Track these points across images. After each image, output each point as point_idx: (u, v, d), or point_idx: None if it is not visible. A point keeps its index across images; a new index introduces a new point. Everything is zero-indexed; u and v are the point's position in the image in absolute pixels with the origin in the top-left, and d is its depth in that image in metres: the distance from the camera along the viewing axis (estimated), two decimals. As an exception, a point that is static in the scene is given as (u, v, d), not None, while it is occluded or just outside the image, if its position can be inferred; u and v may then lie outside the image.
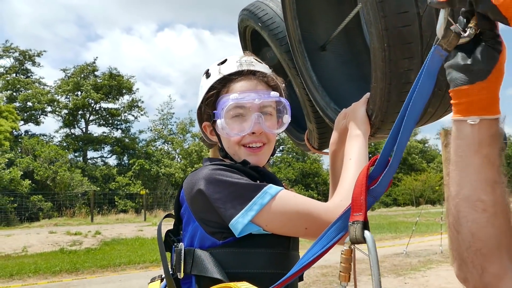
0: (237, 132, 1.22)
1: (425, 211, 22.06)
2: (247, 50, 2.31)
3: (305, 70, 1.66)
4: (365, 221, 0.80)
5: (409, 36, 1.04)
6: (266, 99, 1.25)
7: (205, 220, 1.13)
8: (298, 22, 1.66)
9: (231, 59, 1.29)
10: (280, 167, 39.83)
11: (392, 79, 1.10)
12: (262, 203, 1.06)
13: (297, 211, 1.07)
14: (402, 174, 40.77)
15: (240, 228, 1.06)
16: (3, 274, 8.50)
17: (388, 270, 8.20)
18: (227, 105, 1.21)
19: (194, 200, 1.13)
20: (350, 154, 1.20)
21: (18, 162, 23.86)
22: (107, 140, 35.86)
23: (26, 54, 35.19)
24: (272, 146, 1.31)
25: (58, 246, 12.51)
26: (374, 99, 1.20)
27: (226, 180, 1.10)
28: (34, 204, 22.39)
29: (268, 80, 1.29)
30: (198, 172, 1.15)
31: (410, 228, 13.27)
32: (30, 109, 33.89)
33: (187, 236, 1.19)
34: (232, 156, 1.27)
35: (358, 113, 1.29)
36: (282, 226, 1.08)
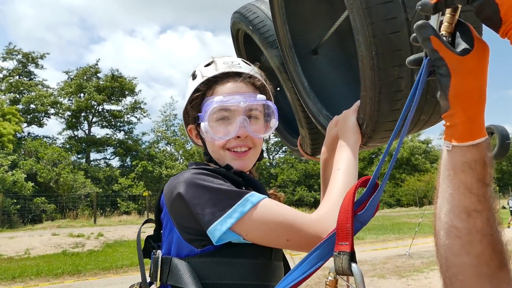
0: (222, 135, 1.18)
1: (429, 212, 21.96)
2: (240, 52, 2.27)
3: (296, 75, 1.63)
4: (352, 251, 0.76)
5: (398, 43, 1.00)
6: (252, 102, 1.21)
7: (184, 226, 1.08)
8: (288, 27, 1.63)
9: (218, 61, 1.26)
10: (283, 168, 39.79)
11: (382, 88, 1.06)
12: (242, 211, 1.02)
13: (279, 221, 1.02)
14: (406, 174, 40.66)
15: (218, 236, 1.01)
16: (5, 277, 8.50)
17: (390, 271, 8.15)
18: (211, 107, 1.17)
19: (173, 204, 1.09)
20: (339, 164, 1.17)
21: (21, 164, 23.92)
22: (110, 142, 35.93)
23: (29, 57, 35.31)
24: (259, 151, 1.26)
25: (61, 248, 12.51)
26: (364, 108, 1.17)
27: (206, 185, 1.05)
28: (37, 206, 22.42)
29: (254, 82, 1.25)
30: (179, 176, 1.11)
31: (414, 229, 13.21)
32: (33, 111, 34.01)
33: (165, 243, 1.15)
34: (216, 160, 1.23)
35: (349, 121, 1.25)
36: (262, 236, 1.03)
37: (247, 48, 2.24)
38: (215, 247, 1.04)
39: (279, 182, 38.22)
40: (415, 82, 0.72)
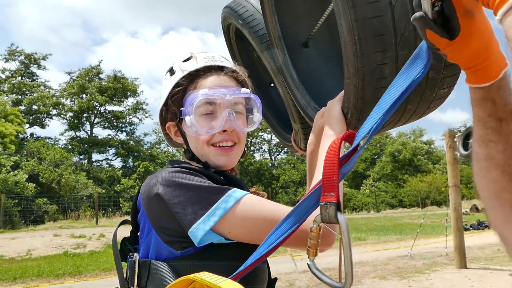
0: (207, 129, 1.14)
1: (431, 213, 21.92)
2: (232, 48, 2.25)
3: (285, 67, 1.60)
4: (338, 202, 0.74)
5: (381, 27, 0.97)
6: (238, 95, 1.18)
7: (162, 227, 1.04)
8: (277, 18, 1.59)
9: (198, 55, 1.22)
10: (284, 168, 39.76)
11: (365, 74, 1.03)
12: (225, 208, 0.98)
13: (263, 217, 0.98)
14: (408, 175, 40.59)
15: (201, 236, 0.97)
16: (6, 278, 8.50)
17: (392, 272, 8.12)
18: (197, 100, 1.12)
19: (151, 205, 1.04)
20: (324, 155, 1.13)
21: (23, 165, 23.96)
22: (112, 143, 35.99)
23: (32, 58, 35.40)
24: (243, 146, 1.22)
25: (62, 249, 12.51)
26: (348, 96, 1.13)
27: (186, 183, 1.01)
28: (39, 207, 22.46)
29: (237, 77, 1.22)
30: (156, 175, 1.07)
31: (415, 230, 13.16)
32: (35, 112, 34.09)
33: (142, 245, 1.10)
34: (200, 157, 1.18)
35: (333, 111, 1.21)
36: (246, 233, 0.99)
37: (239, 44, 2.22)
38: (196, 250, 1.01)
39: (281, 183, 38.21)
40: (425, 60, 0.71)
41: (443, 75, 1.06)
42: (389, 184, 40.32)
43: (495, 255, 9.84)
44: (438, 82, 1.07)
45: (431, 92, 1.10)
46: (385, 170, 42.53)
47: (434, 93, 1.11)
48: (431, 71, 1.04)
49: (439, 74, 1.05)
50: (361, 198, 35.68)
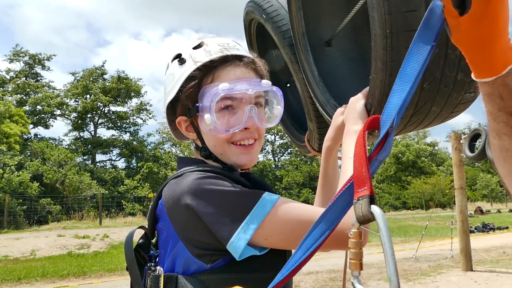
0: (228, 127, 1.04)
1: (435, 215, 21.84)
2: (252, 44, 2.22)
3: (307, 64, 1.57)
4: (372, 195, 0.66)
5: (414, 23, 0.94)
6: (260, 89, 1.08)
7: (192, 240, 0.96)
8: (303, 13, 1.56)
9: (210, 43, 1.10)
10: (288, 170, 39.73)
11: (393, 69, 0.99)
12: (263, 213, 0.91)
13: (301, 221, 0.91)
14: (412, 177, 40.47)
15: (243, 246, 0.89)
16: (11, 278, 8.50)
17: (397, 275, 8.08)
18: (218, 97, 1.02)
19: (179, 216, 0.96)
20: (350, 152, 1.04)
21: (27, 165, 24.01)
22: (115, 143, 36.04)
23: (36, 58, 35.52)
24: (262, 142, 1.15)
25: (66, 250, 12.52)
26: (373, 92, 1.10)
27: (217, 189, 0.93)
28: (43, 207, 22.49)
29: (256, 67, 1.12)
30: (181, 181, 0.98)
31: (420, 232, 13.09)
32: (39, 113, 34.19)
33: (167, 259, 1.02)
34: (219, 156, 1.08)
35: (357, 107, 1.15)
36: (284, 239, 0.92)
37: (259, 41, 2.20)
38: (226, 262, 0.94)
39: (284, 184, 38.16)
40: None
41: (472, 78, 1.04)
42: (392, 186, 40.22)
43: (501, 258, 9.78)
44: (465, 85, 1.05)
45: (457, 95, 1.07)
46: (389, 171, 42.42)
47: (461, 97, 1.08)
48: (460, 73, 1.01)
49: (468, 77, 1.02)
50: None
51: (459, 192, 8.68)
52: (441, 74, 1.01)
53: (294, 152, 43.45)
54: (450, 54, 0.98)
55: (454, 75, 1.01)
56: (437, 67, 0.99)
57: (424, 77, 1.00)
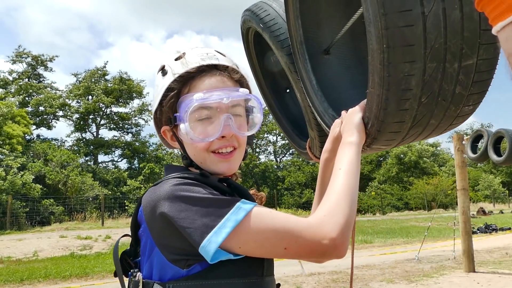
0: (204, 137, 1.06)
1: (438, 216, 21.80)
2: (250, 52, 2.22)
3: (305, 72, 1.57)
4: None
5: (411, 38, 0.94)
6: (236, 98, 1.09)
7: (167, 245, 0.98)
8: (301, 22, 1.56)
9: (190, 53, 1.13)
10: (290, 170, 39.71)
11: (391, 84, 1.00)
12: (236, 219, 0.92)
13: (275, 229, 0.92)
14: (414, 178, 40.40)
15: (213, 250, 0.90)
16: (14, 279, 8.53)
17: (399, 276, 8.07)
18: (191, 106, 1.04)
19: (154, 222, 0.98)
20: (341, 163, 1.07)
21: (30, 166, 24.06)
22: (117, 144, 36.09)
23: (39, 59, 35.59)
24: (243, 150, 1.16)
25: (69, 251, 12.55)
26: (370, 106, 1.10)
27: (192, 196, 0.95)
28: (46, 208, 22.52)
29: (233, 76, 1.13)
30: (158, 189, 1.00)
31: (422, 233, 13.06)
32: (42, 114, 34.25)
33: (145, 264, 1.04)
34: (199, 164, 1.11)
35: (354, 119, 1.16)
36: (258, 247, 0.93)
37: (257, 49, 2.20)
38: (202, 267, 0.95)
39: (286, 185, 38.14)
40: None
41: (470, 92, 1.04)
42: (394, 187, 40.15)
43: (504, 259, 9.77)
44: (464, 98, 1.05)
45: (455, 108, 1.07)
46: (391, 172, 42.35)
47: (459, 110, 1.08)
48: (458, 86, 1.01)
49: (466, 91, 1.03)
50: (366, 200, 35.54)
51: (461, 193, 8.67)
52: (439, 88, 1.01)
53: (296, 153, 43.39)
54: (448, 68, 0.98)
55: (452, 88, 1.02)
56: (435, 81, 1.00)
57: (422, 91, 1.01)
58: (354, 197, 0.99)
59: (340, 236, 0.90)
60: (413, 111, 1.04)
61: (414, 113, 1.05)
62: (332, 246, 0.90)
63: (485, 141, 8.31)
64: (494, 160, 8.05)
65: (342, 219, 0.92)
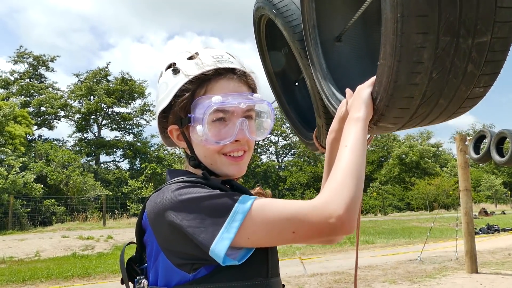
0: (219, 139, 1.06)
1: (439, 216, 21.77)
2: (261, 42, 2.21)
3: (316, 57, 1.55)
4: None
5: (427, 8, 0.91)
6: (252, 103, 1.10)
7: (173, 250, 0.98)
8: (315, 5, 1.55)
9: (204, 54, 1.11)
10: (291, 171, 39.71)
11: (402, 55, 0.97)
12: (244, 211, 0.92)
13: (281, 215, 0.92)
14: (415, 178, 40.36)
15: (227, 246, 0.90)
16: (16, 279, 8.53)
17: (402, 277, 8.05)
18: (210, 110, 1.04)
19: (160, 229, 0.98)
20: (346, 140, 1.03)
21: (31, 166, 24.08)
22: (119, 144, 36.12)
23: (40, 60, 35.63)
24: (251, 153, 1.16)
25: (71, 251, 12.55)
26: (380, 79, 1.07)
27: (195, 197, 0.95)
28: (47, 208, 22.54)
29: (248, 80, 1.14)
30: (161, 194, 1.00)
31: (424, 233, 13.04)
32: (43, 114, 34.30)
33: (151, 270, 1.04)
34: (208, 166, 1.10)
35: (362, 94, 1.13)
36: (266, 235, 0.93)
37: (268, 39, 2.20)
38: (208, 271, 0.96)
39: (288, 185, 38.15)
40: None
41: (482, 72, 1.00)
42: (396, 187, 40.13)
43: (506, 260, 9.74)
44: (475, 78, 1.01)
45: (466, 88, 1.03)
46: (392, 172, 42.34)
47: (469, 91, 1.04)
48: (470, 64, 0.98)
49: (478, 70, 0.99)
50: (368, 200, 35.52)
51: (464, 193, 8.65)
52: (451, 64, 0.97)
53: (297, 153, 43.40)
54: (461, 43, 0.94)
55: (464, 66, 0.98)
56: (447, 56, 0.96)
57: (434, 66, 0.97)
58: (360, 173, 0.96)
59: (346, 213, 0.89)
60: (423, 86, 1.01)
61: (424, 89, 1.02)
62: (339, 224, 0.88)
63: (488, 142, 8.29)
64: (496, 160, 8.03)
65: (347, 197, 0.91)
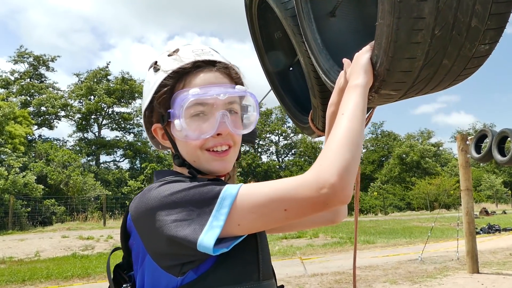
0: (199, 134, 1.01)
1: (440, 216, 21.74)
2: (253, 26, 2.17)
3: (310, 32, 1.49)
4: None
5: None
6: (232, 94, 1.04)
7: (159, 252, 0.93)
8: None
9: (184, 49, 1.08)
10: (292, 170, 39.67)
11: (402, 11, 0.90)
12: (231, 197, 0.88)
13: (269, 195, 0.88)
14: (416, 178, 40.33)
15: (218, 234, 0.86)
16: (16, 279, 8.51)
17: (403, 277, 8.02)
18: (187, 102, 0.99)
19: (144, 229, 0.94)
20: (344, 107, 0.99)
21: (31, 166, 24.07)
22: (119, 144, 36.12)
23: (40, 59, 35.62)
24: (238, 149, 1.11)
25: (71, 251, 12.54)
26: (379, 41, 0.99)
27: (178, 190, 0.91)
28: (47, 208, 22.52)
29: (230, 72, 1.09)
30: (143, 195, 0.96)
31: (425, 233, 13.00)
32: (44, 114, 34.29)
33: (138, 275, 0.99)
34: (192, 163, 1.05)
35: (360, 60, 1.07)
36: (257, 218, 0.88)
37: (260, 23, 2.14)
38: (197, 274, 0.91)
39: (288, 185, 38.12)
40: None
41: (487, 26, 0.93)
42: (397, 187, 40.11)
43: (508, 260, 9.71)
44: (480, 34, 0.95)
45: (471, 46, 0.97)
46: (393, 172, 42.32)
47: (474, 48, 0.97)
48: (474, 19, 0.91)
49: (483, 24, 0.93)
50: (368, 200, 35.50)
51: (465, 193, 8.62)
52: (454, 18, 0.91)
53: (298, 153, 43.39)
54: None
55: (468, 20, 0.92)
56: (449, 10, 0.90)
57: (436, 21, 0.91)
58: (357, 141, 0.91)
59: (339, 181, 0.83)
60: (425, 45, 0.95)
61: (426, 48, 0.96)
62: (332, 193, 0.83)
63: (490, 141, 8.26)
64: (498, 160, 8.00)
65: (340, 165, 0.85)
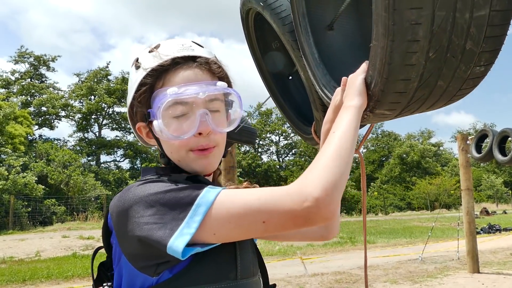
0: (180, 134, 0.98)
1: (440, 216, 21.73)
2: (250, 37, 2.14)
3: (307, 46, 1.49)
4: None
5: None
6: (212, 92, 1.00)
7: (133, 252, 0.91)
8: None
9: (165, 44, 1.05)
10: (292, 170, 39.67)
11: (396, 34, 0.90)
12: (207, 204, 0.85)
13: (248, 205, 0.85)
14: (416, 177, 40.32)
15: (186, 241, 0.83)
16: (16, 279, 8.51)
17: (403, 277, 8.02)
18: (165, 101, 0.97)
19: (120, 228, 0.92)
20: (336, 126, 0.97)
21: (32, 166, 24.07)
22: (120, 144, 36.12)
23: (41, 59, 35.63)
24: (223, 148, 1.08)
25: (71, 251, 12.54)
26: (373, 62, 0.99)
27: (154, 192, 0.89)
28: (48, 208, 22.53)
29: (211, 68, 1.04)
30: (122, 194, 0.94)
31: (425, 233, 13.00)
32: (44, 114, 34.31)
33: (115, 274, 0.98)
34: (176, 163, 1.04)
35: (355, 81, 1.07)
36: (234, 229, 0.86)
37: (257, 34, 2.12)
38: (172, 273, 0.90)
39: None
40: None
41: (482, 49, 0.93)
42: (397, 187, 40.10)
43: (508, 260, 9.71)
44: (475, 56, 0.94)
45: (466, 68, 0.96)
46: (393, 172, 42.31)
47: (469, 70, 0.97)
48: (469, 41, 0.91)
49: (478, 47, 0.92)
50: (369, 200, 35.49)
51: (465, 193, 8.62)
52: (449, 41, 0.91)
53: (298, 153, 43.38)
54: (458, 18, 0.88)
55: (462, 43, 0.91)
56: (444, 33, 0.89)
57: (430, 44, 0.91)
58: (345, 158, 0.89)
59: (323, 195, 0.80)
60: (420, 67, 0.94)
61: (421, 70, 0.95)
62: (315, 208, 0.80)
63: (490, 141, 8.26)
64: (499, 159, 7.99)
65: (327, 180, 0.82)
